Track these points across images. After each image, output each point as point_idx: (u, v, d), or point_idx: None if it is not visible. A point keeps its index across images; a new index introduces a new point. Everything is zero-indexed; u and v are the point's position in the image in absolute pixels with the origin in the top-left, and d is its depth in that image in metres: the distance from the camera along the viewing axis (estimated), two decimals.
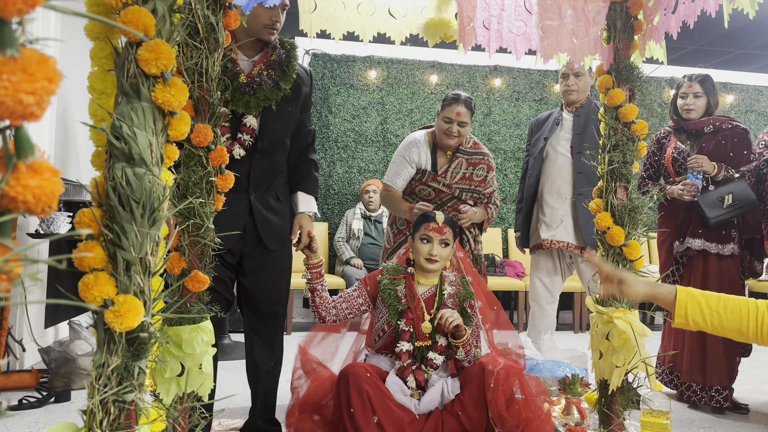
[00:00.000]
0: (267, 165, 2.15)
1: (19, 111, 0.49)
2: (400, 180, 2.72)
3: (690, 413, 2.79)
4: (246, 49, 2.09)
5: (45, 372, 3.05)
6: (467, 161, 2.71)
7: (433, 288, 2.28)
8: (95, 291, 1.02)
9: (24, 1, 0.46)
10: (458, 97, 2.62)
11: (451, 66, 5.53)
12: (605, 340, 1.86)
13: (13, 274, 0.55)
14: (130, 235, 1.05)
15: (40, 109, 0.50)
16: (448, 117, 2.61)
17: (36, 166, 0.53)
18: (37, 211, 0.54)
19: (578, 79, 3.11)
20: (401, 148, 2.77)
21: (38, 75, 0.49)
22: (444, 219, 2.24)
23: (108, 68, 1.18)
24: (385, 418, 1.95)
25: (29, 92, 0.48)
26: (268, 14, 1.98)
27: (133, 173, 1.05)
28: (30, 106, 0.49)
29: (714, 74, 5.78)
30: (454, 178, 2.69)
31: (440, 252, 2.21)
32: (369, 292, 2.31)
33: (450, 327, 2.10)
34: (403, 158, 2.73)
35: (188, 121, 1.16)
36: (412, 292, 2.24)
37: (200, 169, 1.59)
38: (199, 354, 1.50)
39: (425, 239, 2.23)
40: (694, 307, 1.41)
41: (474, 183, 2.71)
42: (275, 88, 2.06)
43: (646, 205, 1.90)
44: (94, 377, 1.07)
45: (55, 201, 0.55)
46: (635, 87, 1.96)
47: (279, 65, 2.07)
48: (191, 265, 1.58)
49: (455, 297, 2.26)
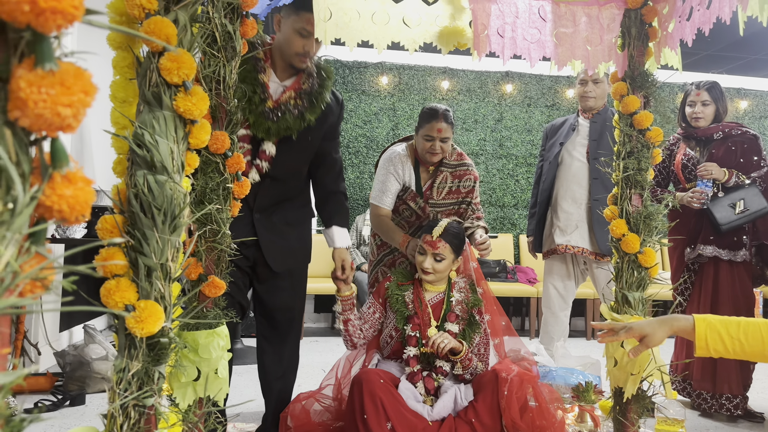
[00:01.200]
0: (276, 190, 2.13)
1: (57, 123, 0.50)
2: (388, 198, 2.58)
3: (704, 422, 2.77)
4: (281, 72, 2.07)
5: (60, 375, 3.07)
6: (452, 174, 2.60)
7: (441, 294, 2.28)
8: (117, 296, 1.04)
9: (63, 16, 0.48)
10: (436, 112, 2.49)
11: (463, 72, 5.54)
12: (620, 348, 1.86)
13: (47, 281, 0.56)
14: (151, 241, 1.06)
15: (76, 121, 0.51)
16: (429, 135, 2.47)
17: (70, 176, 0.55)
18: (71, 219, 0.55)
19: (596, 85, 3.10)
20: (383, 162, 2.64)
21: (75, 88, 0.50)
22: (440, 232, 2.20)
23: (130, 77, 1.20)
24: (399, 425, 1.95)
25: (66, 105, 0.49)
26: (300, 42, 1.98)
27: (154, 180, 1.06)
28: (67, 119, 0.50)
29: (727, 80, 5.77)
30: (440, 193, 2.58)
31: (434, 265, 2.20)
32: (381, 303, 2.33)
33: (443, 352, 2.10)
34: (388, 173, 2.59)
35: (209, 129, 1.18)
36: (420, 298, 2.25)
37: (217, 175, 1.60)
38: (215, 359, 1.51)
39: (421, 251, 2.23)
40: (714, 337, 1.41)
41: (461, 195, 2.62)
42: (299, 119, 2.04)
43: (662, 212, 1.90)
44: (114, 382, 1.08)
45: (88, 210, 0.56)
46: (650, 94, 1.96)
47: (309, 95, 2.06)
48: (208, 271, 1.59)
49: (463, 303, 2.26)
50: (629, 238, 1.88)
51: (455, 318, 2.22)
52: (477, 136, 5.53)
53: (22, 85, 0.48)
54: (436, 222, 2.26)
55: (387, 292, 2.28)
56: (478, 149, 5.53)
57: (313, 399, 2.30)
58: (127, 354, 1.08)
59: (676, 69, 2.04)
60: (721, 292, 2.79)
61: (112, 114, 1.18)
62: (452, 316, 2.22)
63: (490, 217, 5.46)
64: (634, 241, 1.87)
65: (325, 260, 5.00)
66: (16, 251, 0.52)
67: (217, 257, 1.62)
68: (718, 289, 2.80)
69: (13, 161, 0.51)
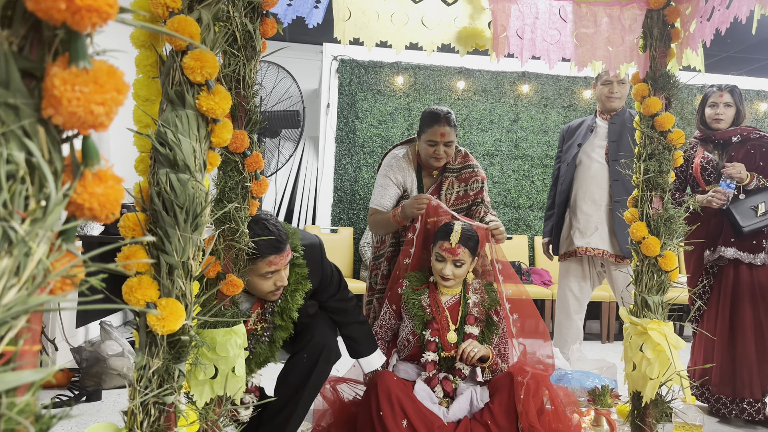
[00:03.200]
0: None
1: (90, 121, 0.50)
2: (388, 201, 2.52)
3: (721, 427, 2.73)
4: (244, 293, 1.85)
5: (76, 371, 3.10)
6: (457, 179, 2.55)
7: (457, 296, 2.27)
8: (139, 294, 1.05)
9: (98, 14, 0.48)
10: (438, 115, 2.40)
11: (479, 72, 5.52)
12: (639, 352, 1.84)
13: (77, 279, 0.56)
14: (173, 239, 1.07)
15: (108, 119, 0.51)
16: (432, 140, 2.40)
17: (101, 174, 0.55)
18: (102, 217, 0.55)
19: (621, 87, 3.08)
20: (383, 168, 2.59)
21: (108, 86, 0.50)
22: (459, 239, 2.17)
23: (153, 76, 1.20)
24: (415, 422, 1.95)
25: (100, 103, 0.50)
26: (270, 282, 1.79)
27: (177, 179, 1.07)
28: (100, 116, 0.50)
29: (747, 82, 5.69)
30: (449, 200, 2.54)
31: (454, 271, 2.19)
32: (395, 310, 2.33)
33: (474, 360, 2.10)
34: (387, 178, 2.54)
35: (230, 129, 1.18)
36: (436, 302, 2.23)
37: (236, 174, 1.61)
38: (232, 357, 1.52)
39: (439, 258, 2.21)
40: None
41: (470, 198, 2.58)
42: (272, 344, 1.91)
43: (682, 215, 1.88)
44: (135, 379, 1.09)
45: (118, 208, 0.56)
46: (672, 95, 1.94)
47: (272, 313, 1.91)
48: (226, 269, 1.60)
49: (480, 305, 2.25)
50: (649, 241, 1.86)
51: (474, 320, 2.21)
52: (492, 136, 5.50)
53: (57, 83, 0.48)
54: (449, 227, 2.22)
55: (403, 298, 2.27)
56: (494, 150, 5.50)
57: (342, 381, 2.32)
58: (148, 351, 1.08)
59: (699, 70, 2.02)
60: (740, 295, 2.76)
61: (135, 112, 1.19)
62: (471, 319, 2.21)
63: (505, 219, 5.42)
64: (654, 244, 1.85)
65: (340, 262, 5.01)
66: (48, 249, 0.52)
67: (236, 256, 1.62)
68: (738, 293, 2.77)
69: (46, 159, 0.51)
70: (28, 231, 0.49)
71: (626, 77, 3.05)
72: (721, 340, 2.78)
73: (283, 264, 1.79)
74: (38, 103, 0.50)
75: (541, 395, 2.05)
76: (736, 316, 2.76)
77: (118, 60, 0.62)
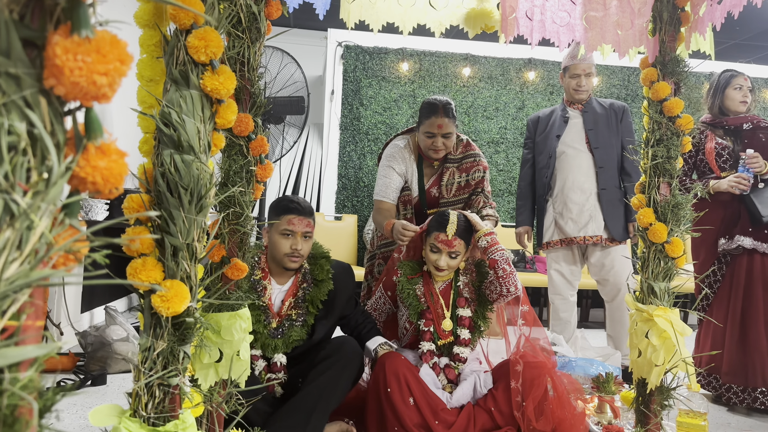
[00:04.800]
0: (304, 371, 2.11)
1: (92, 92, 0.49)
2: (392, 192, 2.52)
3: (726, 415, 2.73)
4: (278, 276, 2.10)
5: (81, 355, 3.11)
6: (458, 169, 2.53)
7: (449, 281, 2.26)
8: (143, 275, 1.04)
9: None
10: (435, 107, 2.36)
11: (485, 59, 5.47)
12: (644, 338, 1.83)
13: (80, 254, 0.55)
14: (177, 221, 1.06)
15: (111, 90, 0.50)
16: (430, 132, 2.37)
17: (104, 148, 0.54)
18: (105, 192, 0.54)
19: (588, 79, 3.15)
20: (384, 159, 2.57)
21: (111, 56, 0.49)
22: (454, 231, 2.16)
23: (156, 55, 1.19)
24: (422, 401, 1.96)
25: (102, 73, 0.48)
26: (287, 243, 2.00)
27: (181, 160, 1.06)
28: (103, 87, 0.49)
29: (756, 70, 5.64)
30: (450, 191, 2.53)
31: (449, 262, 2.18)
32: (390, 297, 2.33)
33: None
34: (390, 168, 2.53)
35: (235, 110, 1.17)
36: (431, 291, 2.23)
37: (241, 158, 1.59)
38: (237, 341, 1.51)
39: (434, 249, 2.19)
40: None
41: (471, 188, 2.57)
42: (304, 326, 2.07)
43: (690, 202, 1.86)
44: (140, 360, 1.09)
45: (121, 182, 0.55)
46: (681, 80, 1.91)
47: (304, 301, 2.09)
48: (230, 253, 1.59)
49: (470, 285, 2.25)
50: (656, 228, 1.84)
51: (465, 302, 2.21)
52: (498, 124, 5.47)
53: (58, 51, 0.47)
54: (444, 218, 2.20)
55: (398, 287, 2.27)
56: (499, 137, 5.47)
57: None
58: (153, 333, 1.08)
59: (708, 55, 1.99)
60: (754, 285, 2.75)
61: (139, 92, 1.17)
62: (462, 301, 2.20)
63: (509, 207, 5.40)
64: (661, 231, 1.83)
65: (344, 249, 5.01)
66: (50, 223, 0.51)
67: (240, 240, 1.62)
68: (752, 282, 2.76)
69: (48, 131, 0.50)
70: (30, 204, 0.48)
71: (594, 69, 3.14)
72: (732, 329, 2.77)
73: (301, 230, 1.99)
74: (40, 73, 0.49)
75: (544, 383, 2.05)
76: (749, 305, 2.75)
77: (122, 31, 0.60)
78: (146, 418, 1.07)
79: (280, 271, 2.08)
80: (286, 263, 2.02)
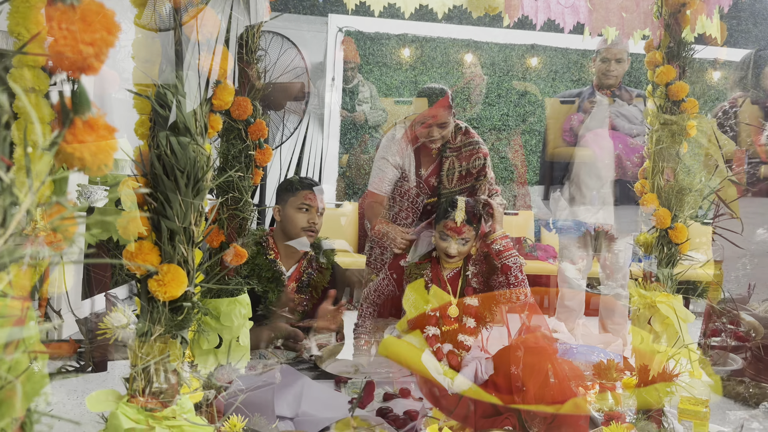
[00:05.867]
0: None
1: (78, 62, 0.47)
2: (386, 184, 2.49)
3: (728, 403, 2.72)
4: (285, 258, 2.21)
5: (82, 342, 3.11)
6: (458, 158, 2.49)
7: (458, 269, 2.25)
8: (139, 259, 1.02)
9: None
10: (430, 96, 2.33)
11: (487, 45, 5.42)
12: (647, 325, 1.81)
13: (69, 233, 0.53)
14: (174, 204, 1.04)
15: (98, 61, 0.48)
16: (425, 121, 2.35)
17: (92, 123, 0.52)
18: (94, 168, 0.52)
19: (619, 65, 3.10)
20: (381, 150, 2.55)
21: (97, 25, 0.47)
22: (463, 217, 2.13)
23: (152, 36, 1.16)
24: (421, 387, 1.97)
25: (88, 43, 0.46)
26: (305, 217, 2.12)
27: (177, 142, 1.04)
28: (89, 58, 0.47)
29: None
30: (451, 181, 2.49)
31: (459, 249, 2.16)
32: (396, 280, 2.32)
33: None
34: (385, 161, 2.50)
35: (232, 91, 1.15)
36: (438, 277, 2.22)
37: (239, 142, 1.58)
38: (236, 327, 1.50)
39: (444, 237, 2.18)
40: None
41: (473, 176, 2.53)
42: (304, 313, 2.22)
43: (694, 188, 1.84)
44: (137, 345, 1.07)
45: (110, 159, 0.53)
46: (686, 64, 1.88)
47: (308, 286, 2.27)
48: (229, 239, 1.58)
49: (479, 275, 2.24)
50: (660, 213, 1.82)
51: (472, 292, 2.20)
52: (500, 110, 5.43)
53: None
54: (453, 204, 2.18)
55: (405, 272, 2.26)
56: (501, 124, 5.43)
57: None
58: (150, 318, 1.06)
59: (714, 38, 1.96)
60: None
61: (134, 73, 1.15)
62: (469, 291, 2.20)
63: (511, 194, 5.38)
64: (665, 216, 1.81)
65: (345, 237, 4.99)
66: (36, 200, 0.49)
67: (239, 225, 1.60)
68: None
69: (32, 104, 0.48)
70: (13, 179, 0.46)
71: (627, 56, 3.08)
72: None
73: (316, 205, 2.13)
74: None
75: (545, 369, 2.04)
76: None
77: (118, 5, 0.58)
78: (143, 403, 1.06)
79: (288, 253, 2.14)
80: (302, 238, 2.11)
